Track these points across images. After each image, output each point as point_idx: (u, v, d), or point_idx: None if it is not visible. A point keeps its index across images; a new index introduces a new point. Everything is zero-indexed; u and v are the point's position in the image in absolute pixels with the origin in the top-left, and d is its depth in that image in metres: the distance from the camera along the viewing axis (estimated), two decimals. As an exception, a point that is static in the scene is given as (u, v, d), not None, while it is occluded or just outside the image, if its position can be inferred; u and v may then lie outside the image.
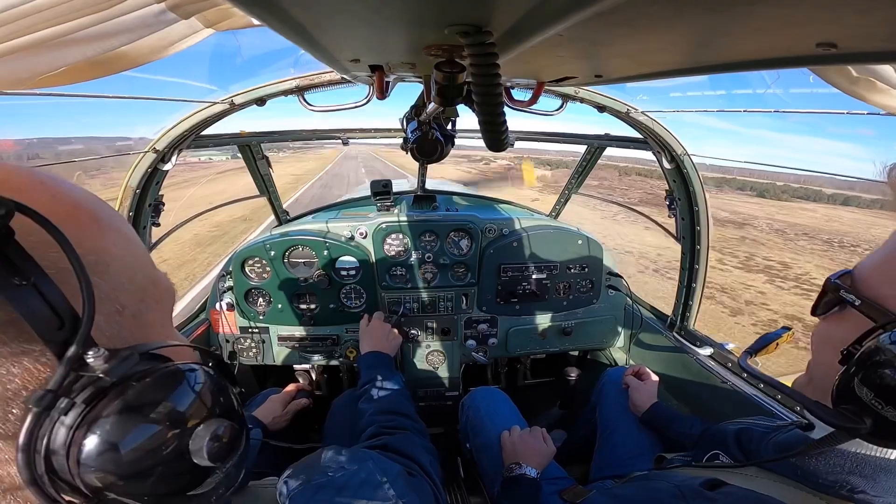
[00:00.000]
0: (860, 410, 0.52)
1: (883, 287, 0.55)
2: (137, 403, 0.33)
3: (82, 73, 0.88)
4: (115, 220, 0.41)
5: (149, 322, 0.40)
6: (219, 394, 0.39)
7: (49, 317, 0.30)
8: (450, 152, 1.18)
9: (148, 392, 0.34)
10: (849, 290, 0.57)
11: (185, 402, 0.35)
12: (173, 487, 0.35)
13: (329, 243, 1.89)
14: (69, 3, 0.64)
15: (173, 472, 0.34)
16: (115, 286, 0.37)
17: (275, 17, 0.48)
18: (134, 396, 0.33)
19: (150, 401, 0.34)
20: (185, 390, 0.36)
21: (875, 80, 0.83)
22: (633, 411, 1.46)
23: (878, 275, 0.56)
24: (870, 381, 0.50)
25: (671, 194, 1.82)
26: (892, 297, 0.53)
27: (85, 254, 0.32)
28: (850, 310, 0.57)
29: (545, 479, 1.26)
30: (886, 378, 0.49)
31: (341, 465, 0.67)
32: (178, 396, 0.35)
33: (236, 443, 0.38)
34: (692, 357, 1.78)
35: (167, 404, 0.34)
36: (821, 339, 0.64)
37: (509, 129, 0.70)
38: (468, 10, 0.46)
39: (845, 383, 0.53)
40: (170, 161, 1.54)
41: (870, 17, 0.38)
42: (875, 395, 0.50)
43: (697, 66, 0.66)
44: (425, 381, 2.11)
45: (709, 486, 0.66)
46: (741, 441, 0.84)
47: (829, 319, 0.63)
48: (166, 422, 0.34)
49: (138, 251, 0.42)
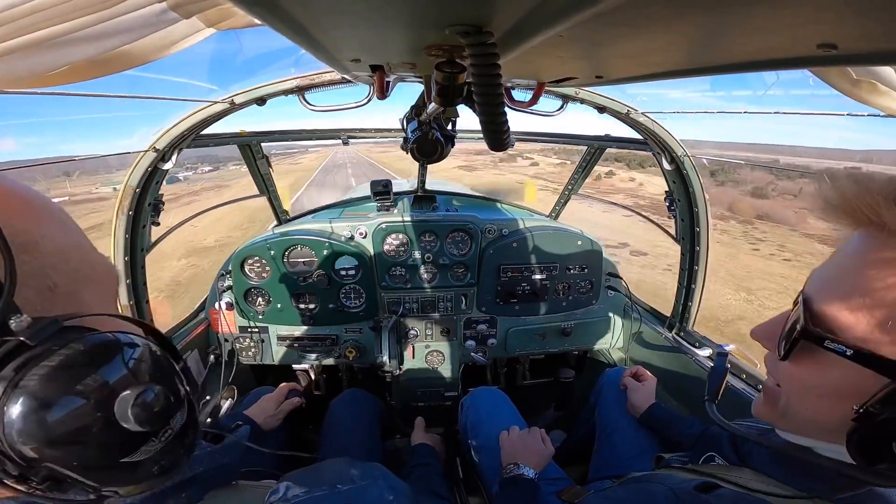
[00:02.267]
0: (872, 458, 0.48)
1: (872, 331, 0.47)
2: (61, 368, 0.34)
3: (84, 73, 0.88)
4: (50, 207, 0.43)
5: (85, 301, 0.41)
6: (149, 362, 0.39)
7: None
8: (450, 152, 1.17)
9: (71, 358, 0.34)
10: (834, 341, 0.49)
11: (109, 368, 0.36)
12: (103, 452, 0.35)
13: (329, 243, 1.89)
14: (71, 2, 0.64)
15: (101, 437, 0.35)
16: (46, 264, 0.38)
17: (276, 17, 0.48)
18: (58, 362, 0.34)
19: (74, 365, 0.34)
20: (110, 356, 0.37)
21: (876, 82, 0.83)
22: (632, 412, 1.46)
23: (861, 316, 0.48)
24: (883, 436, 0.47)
25: (671, 195, 1.82)
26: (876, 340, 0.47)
27: (14, 233, 0.34)
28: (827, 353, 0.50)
29: (544, 479, 1.26)
30: None
31: (352, 479, 0.67)
32: (103, 362, 0.36)
33: (170, 410, 0.38)
34: (691, 358, 1.78)
35: (91, 368, 0.35)
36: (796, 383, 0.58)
37: (510, 130, 0.70)
38: (468, 10, 0.46)
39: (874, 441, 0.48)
40: (170, 160, 1.54)
41: (870, 17, 0.38)
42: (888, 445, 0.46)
43: (698, 67, 0.66)
44: (425, 381, 2.11)
45: (703, 488, 0.66)
46: (736, 443, 0.84)
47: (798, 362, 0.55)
48: (90, 385, 0.35)
49: (74, 235, 0.44)
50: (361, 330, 2.03)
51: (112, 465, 0.36)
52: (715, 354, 1.73)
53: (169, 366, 0.42)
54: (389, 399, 2.24)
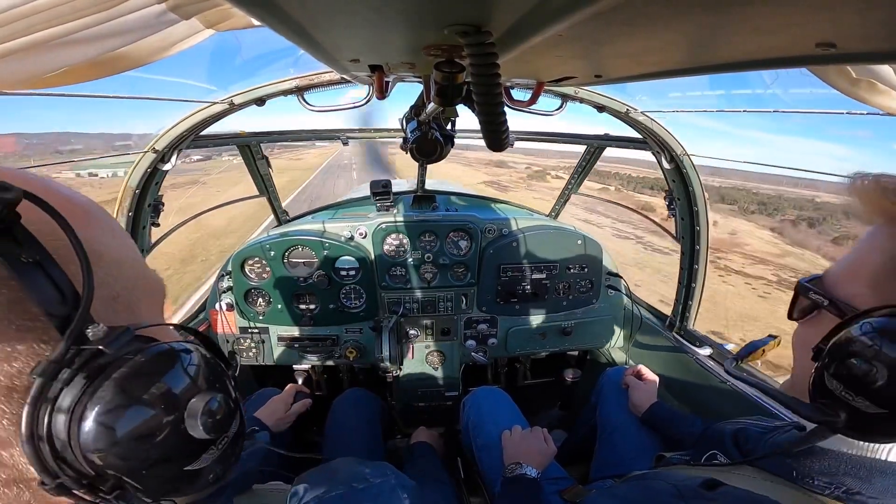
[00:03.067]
0: (834, 404, 0.54)
1: (849, 286, 0.58)
2: (136, 376, 0.34)
3: (84, 74, 0.88)
4: (106, 216, 0.43)
5: (141, 312, 0.42)
6: (211, 370, 0.40)
7: (52, 292, 0.32)
8: (449, 152, 1.17)
9: (145, 366, 0.35)
10: (817, 292, 0.60)
11: (180, 376, 0.37)
12: (171, 461, 0.36)
13: (328, 243, 1.89)
14: (70, 3, 0.64)
15: (170, 445, 0.35)
16: (108, 274, 0.38)
17: (275, 18, 0.48)
18: (132, 369, 0.34)
19: (148, 374, 0.35)
20: (180, 365, 0.37)
21: (875, 81, 0.83)
22: (633, 411, 1.46)
23: (844, 275, 0.60)
24: (838, 373, 0.53)
25: (670, 194, 1.82)
26: (858, 294, 0.56)
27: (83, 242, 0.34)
28: (823, 312, 0.60)
29: (545, 478, 1.26)
30: (853, 369, 0.51)
31: (365, 478, 0.69)
32: (174, 371, 0.37)
33: (230, 417, 0.39)
34: (691, 357, 1.78)
35: (163, 378, 0.36)
36: (799, 342, 0.66)
37: (509, 129, 0.70)
38: (467, 10, 0.46)
39: (818, 379, 0.56)
40: (169, 161, 1.54)
41: (869, 16, 0.38)
42: (844, 387, 0.52)
43: (697, 66, 0.66)
44: (425, 381, 2.11)
45: (707, 486, 0.66)
46: (738, 441, 0.84)
47: (805, 323, 0.65)
48: (163, 394, 0.35)
49: (128, 246, 0.44)
50: (362, 330, 2.03)
51: (177, 473, 0.37)
52: (716, 350, 1.74)
53: (223, 373, 0.42)
54: (390, 399, 2.24)
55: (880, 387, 0.49)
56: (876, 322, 0.51)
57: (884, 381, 0.49)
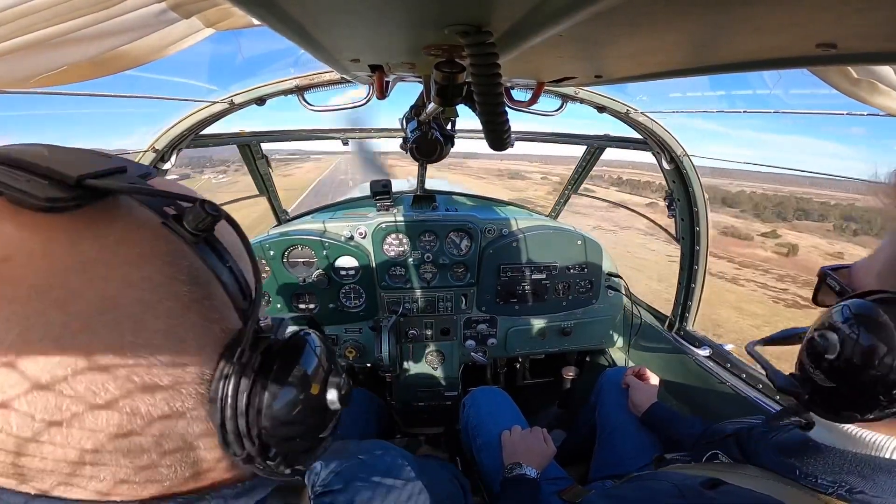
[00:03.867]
0: (804, 378, 0.58)
1: (864, 277, 0.60)
2: (295, 359, 0.39)
3: (83, 73, 0.88)
4: None
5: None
6: (332, 351, 0.46)
7: (237, 290, 0.37)
8: (449, 152, 1.17)
9: (300, 350, 0.41)
10: (833, 279, 0.63)
11: (322, 357, 0.43)
12: (315, 430, 0.41)
13: (328, 243, 1.89)
14: (69, 2, 0.64)
15: (318, 416, 0.41)
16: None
17: (275, 17, 0.48)
18: (293, 353, 0.40)
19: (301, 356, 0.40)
20: (320, 349, 0.43)
21: (876, 81, 0.83)
22: (633, 411, 1.46)
23: (865, 267, 0.61)
24: (808, 349, 0.57)
25: (670, 195, 1.82)
26: (867, 285, 0.57)
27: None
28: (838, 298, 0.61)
29: (544, 479, 1.26)
30: (816, 345, 0.55)
31: (368, 450, 0.75)
32: (318, 353, 0.42)
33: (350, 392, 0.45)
34: (691, 357, 1.78)
35: (310, 360, 0.41)
36: None
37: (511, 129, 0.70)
38: (468, 10, 0.46)
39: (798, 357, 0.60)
40: (169, 160, 1.54)
41: (870, 17, 0.38)
42: (810, 362, 0.56)
43: (697, 66, 0.66)
44: (424, 381, 2.11)
45: (708, 485, 0.66)
46: (740, 441, 0.84)
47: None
48: (318, 373, 0.41)
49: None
50: (361, 330, 2.03)
51: (315, 441, 0.42)
52: (715, 351, 1.74)
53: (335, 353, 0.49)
54: (389, 399, 2.24)
55: (830, 360, 0.53)
56: (848, 303, 0.55)
57: (833, 356, 0.53)
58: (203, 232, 0.35)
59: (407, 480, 0.70)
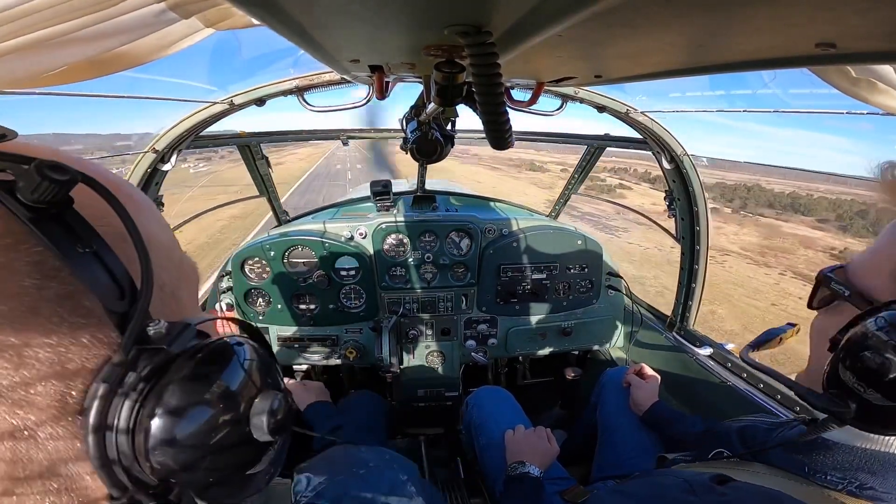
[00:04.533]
0: (846, 395, 0.54)
1: (871, 278, 0.58)
2: (200, 377, 0.31)
3: (82, 73, 0.88)
4: (147, 201, 0.41)
5: (183, 301, 0.40)
6: (268, 367, 0.37)
7: (110, 285, 0.29)
8: (449, 152, 1.17)
9: (208, 365, 0.32)
10: (838, 282, 0.61)
11: (242, 376, 0.34)
12: (235, 465, 0.33)
13: (328, 243, 1.89)
14: (69, 2, 0.64)
15: (235, 449, 0.33)
16: (156, 263, 0.35)
17: (275, 18, 0.48)
18: (196, 370, 0.31)
19: (211, 374, 0.32)
20: (241, 364, 0.35)
21: (875, 80, 0.83)
22: (634, 410, 1.46)
23: (867, 267, 0.60)
24: (853, 365, 0.53)
25: (671, 194, 1.82)
26: (878, 286, 0.56)
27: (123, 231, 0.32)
28: (843, 302, 0.60)
29: (547, 479, 1.26)
30: (867, 362, 0.51)
31: (365, 463, 0.69)
32: (235, 370, 0.34)
33: (288, 416, 0.37)
34: (692, 357, 1.78)
35: (227, 378, 0.33)
36: (817, 332, 0.66)
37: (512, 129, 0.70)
38: (467, 10, 0.46)
39: (833, 370, 0.55)
40: (169, 161, 1.54)
41: (869, 16, 0.38)
42: (857, 379, 0.52)
43: (697, 66, 0.66)
44: (425, 381, 2.11)
45: (718, 480, 0.66)
46: (745, 438, 0.84)
47: (824, 312, 0.66)
48: (229, 395, 0.32)
49: (169, 229, 0.41)
50: (361, 330, 2.03)
51: (239, 478, 0.34)
52: (716, 350, 1.74)
53: (275, 369, 0.39)
54: (390, 399, 2.24)
55: (892, 380, 0.50)
56: (891, 315, 0.51)
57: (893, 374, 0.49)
58: (48, 204, 0.27)
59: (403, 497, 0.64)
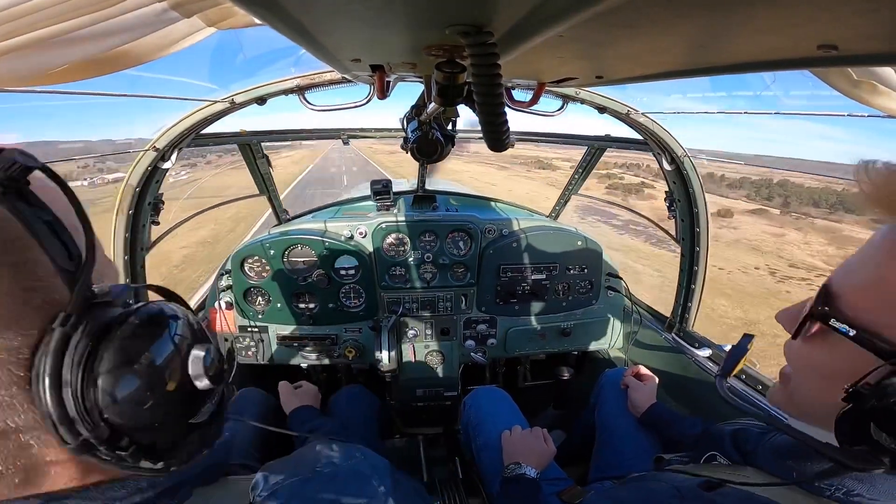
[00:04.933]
0: (878, 451, 0.48)
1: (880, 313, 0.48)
2: (143, 327, 0.35)
3: (84, 71, 0.88)
4: None
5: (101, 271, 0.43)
6: (197, 324, 0.41)
7: (62, 250, 0.33)
8: (450, 152, 1.18)
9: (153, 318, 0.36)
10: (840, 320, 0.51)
11: (182, 329, 0.38)
12: (180, 413, 0.37)
13: (328, 243, 1.89)
14: (71, 1, 0.64)
15: (178, 395, 0.36)
16: None
17: (276, 17, 0.48)
18: (139, 322, 0.35)
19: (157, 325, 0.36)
20: (180, 319, 0.39)
21: (876, 82, 0.83)
22: (633, 411, 1.46)
23: (869, 298, 0.50)
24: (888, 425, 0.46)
25: (671, 196, 1.82)
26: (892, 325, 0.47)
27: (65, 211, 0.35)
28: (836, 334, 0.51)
29: (544, 479, 1.26)
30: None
31: (332, 462, 0.64)
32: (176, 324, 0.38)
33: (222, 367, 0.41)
34: (690, 358, 1.78)
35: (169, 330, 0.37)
36: (802, 363, 0.59)
37: (510, 130, 0.70)
38: (469, 10, 0.46)
39: (855, 423, 0.49)
40: (169, 159, 1.54)
41: (871, 18, 0.38)
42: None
43: (698, 67, 0.66)
44: (424, 381, 2.11)
45: (707, 486, 0.66)
46: (738, 442, 0.84)
47: (809, 342, 0.57)
48: (170, 344, 0.36)
49: None
50: (361, 330, 2.03)
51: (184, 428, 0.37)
52: (715, 351, 1.74)
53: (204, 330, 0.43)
54: (389, 399, 2.24)
55: None
56: None
57: None
58: (12, 182, 0.30)
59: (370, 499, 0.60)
